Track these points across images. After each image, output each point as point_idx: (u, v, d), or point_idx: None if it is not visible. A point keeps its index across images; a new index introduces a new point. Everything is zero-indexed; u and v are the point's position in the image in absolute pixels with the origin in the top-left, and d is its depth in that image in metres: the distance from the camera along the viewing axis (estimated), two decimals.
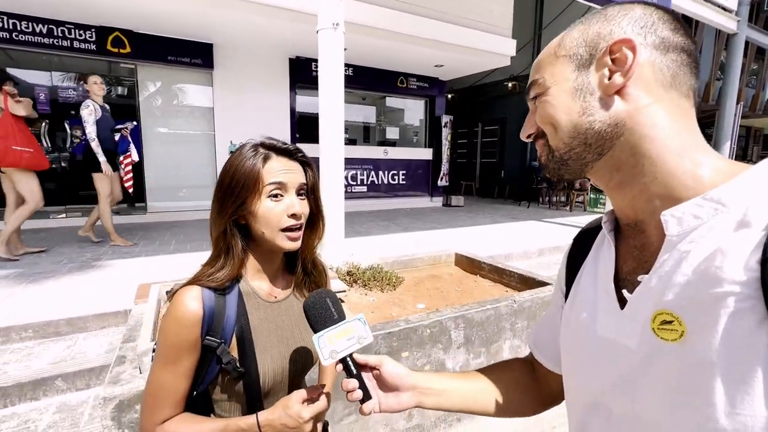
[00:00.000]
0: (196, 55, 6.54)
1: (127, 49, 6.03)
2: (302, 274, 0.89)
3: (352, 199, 8.49)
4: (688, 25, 0.46)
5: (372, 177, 8.93)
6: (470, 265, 3.20)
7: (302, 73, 7.55)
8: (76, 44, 5.74)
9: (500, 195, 11.84)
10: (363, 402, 0.60)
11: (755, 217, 0.37)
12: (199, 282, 0.75)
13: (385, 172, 9.12)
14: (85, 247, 4.63)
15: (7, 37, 5.36)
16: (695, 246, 0.40)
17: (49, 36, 5.58)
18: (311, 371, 1.26)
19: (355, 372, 0.63)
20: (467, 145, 13.48)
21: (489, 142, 12.66)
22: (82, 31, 5.74)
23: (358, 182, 8.79)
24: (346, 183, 8.55)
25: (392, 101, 10.13)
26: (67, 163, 6.31)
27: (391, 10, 6.01)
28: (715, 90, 10.36)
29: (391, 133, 9.95)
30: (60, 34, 5.63)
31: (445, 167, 9.72)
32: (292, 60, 7.52)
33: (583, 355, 0.52)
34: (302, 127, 8.03)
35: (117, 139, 4.58)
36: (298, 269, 0.88)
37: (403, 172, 9.34)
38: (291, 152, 0.79)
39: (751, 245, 0.36)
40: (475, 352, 2.11)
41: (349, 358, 0.64)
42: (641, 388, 0.43)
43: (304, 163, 0.82)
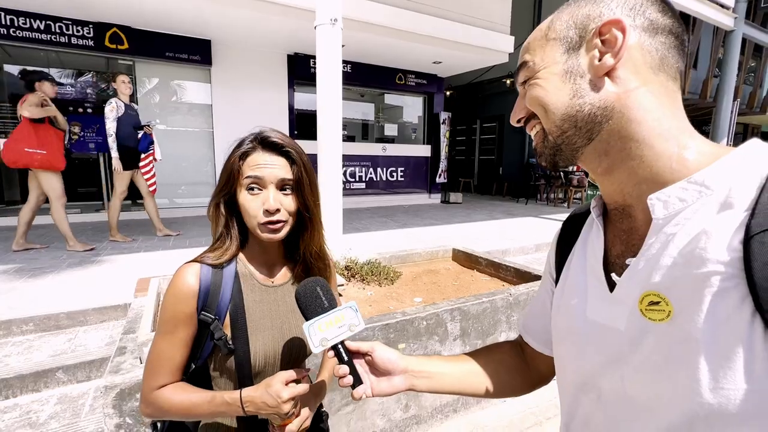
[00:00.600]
0: (194, 52, 6.52)
1: (125, 46, 6.02)
2: (303, 265, 0.89)
3: (351, 196, 8.51)
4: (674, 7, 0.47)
5: (370, 174, 8.94)
6: (467, 260, 3.23)
7: (301, 70, 7.54)
8: (74, 40, 5.72)
9: (498, 192, 11.87)
10: (354, 387, 0.62)
11: (737, 198, 0.38)
12: (198, 259, 0.81)
13: (384, 169, 9.13)
14: (84, 242, 4.64)
15: (5, 33, 5.34)
16: (680, 228, 0.41)
17: (46, 32, 5.56)
18: (315, 362, 1.28)
19: (346, 359, 0.64)
20: (466, 142, 13.49)
21: (487, 139, 12.68)
22: (79, 27, 5.72)
23: (357, 179, 8.79)
24: (344, 180, 8.57)
25: (391, 98, 10.13)
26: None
27: (390, 7, 6.01)
28: (713, 87, 10.37)
29: (390, 130, 9.95)
30: (58, 30, 5.61)
31: (444, 164, 9.74)
32: (290, 56, 7.51)
33: (575, 338, 0.53)
34: (300, 123, 8.03)
35: (139, 137, 4.65)
36: (299, 260, 0.89)
37: (402, 169, 9.36)
38: (277, 146, 0.79)
39: (734, 226, 0.37)
40: (471, 344, 2.14)
41: (340, 345, 0.65)
42: (630, 368, 0.44)
43: (290, 158, 0.80)
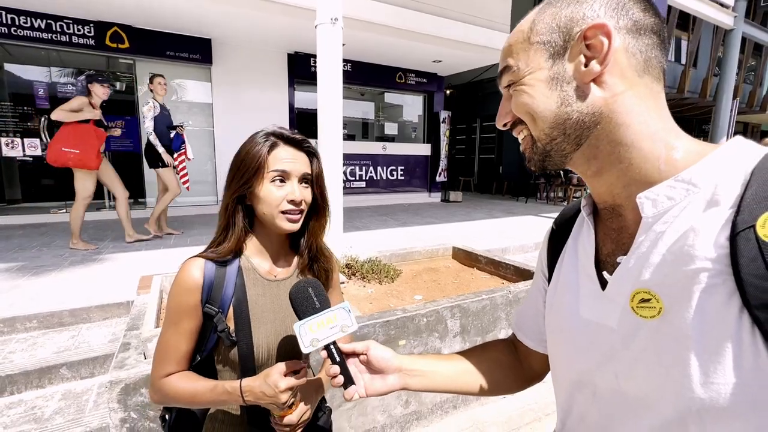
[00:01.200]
0: (194, 51, 6.54)
1: (126, 45, 6.03)
2: (308, 259, 0.92)
3: (351, 195, 8.52)
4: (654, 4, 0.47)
5: (371, 172, 8.95)
6: (467, 258, 3.24)
7: (301, 69, 7.56)
8: (75, 39, 5.73)
9: (498, 191, 11.88)
10: (345, 387, 0.62)
11: (723, 195, 0.39)
12: (202, 255, 0.84)
13: (384, 168, 9.15)
14: (86, 241, 4.65)
15: (6, 32, 5.36)
16: (669, 226, 0.41)
17: (47, 31, 5.57)
18: (317, 358, 1.30)
19: (338, 359, 0.65)
20: (466, 140, 13.50)
21: (487, 138, 12.69)
22: (80, 26, 5.74)
23: (357, 178, 8.81)
24: (345, 178, 8.58)
25: (391, 97, 10.14)
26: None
27: (390, 6, 6.02)
28: (713, 86, 10.37)
29: (390, 129, 9.96)
30: (58, 29, 5.62)
31: (444, 163, 9.75)
32: (290, 55, 7.52)
33: (569, 336, 0.53)
34: (301, 122, 8.04)
35: (172, 136, 4.79)
36: (304, 253, 0.92)
37: (402, 167, 9.37)
38: (299, 142, 0.85)
39: (720, 223, 0.38)
40: (471, 341, 2.16)
41: (332, 346, 0.65)
42: (623, 364, 0.45)
43: (311, 153, 0.87)
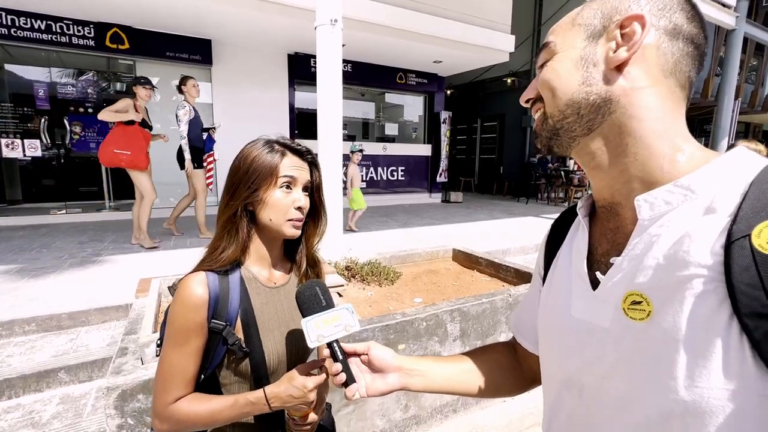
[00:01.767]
0: (194, 51, 6.53)
1: (126, 45, 6.03)
2: (305, 265, 0.95)
3: None
4: (704, 20, 0.48)
5: (371, 173, 8.94)
6: (467, 261, 3.23)
7: (301, 69, 7.55)
8: (75, 40, 5.73)
9: (499, 191, 11.86)
10: (346, 386, 0.63)
11: (721, 204, 0.39)
12: (204, 265, 0.82)
13: (384, 168, 9.13)
14: (86, 243, 4.66)
15: (6, 33, 5.36)
16: (665, 230, 0.42)
17: (47, 32, 5.57)
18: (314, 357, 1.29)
19: (340, 357, 0.66)
20: (466, 141, 13.48)
21: (488, 138, 12.67)
22: (80, 27, 5.73)
23: None
24: (345, 179, 8.58)
25: (391, 97, 10.13)
26: (65, 159, 6.32)
27: (390, 6, 6.01)
28: (714, 86, 10.35)
29: (390, 129, 9.95)
30: (58, 30, 5.62)
31: (444, 163, 9.74)
32: (291, 56, 7.51)
33: (559, 336, 0.54)
34: (301, 123, 8.03)
35: (204, 138, 4.86)
36: (302, 260, 0.95)
37: (402, 168, 9.36)
38: (302, 153, 0.88)
39: (717, 231, 0.38)
40: (471, 345, 2.15)
41: (335, 344, 0.67)
42: (611, 365, 0.46)
43: (312, 164, 0.90)
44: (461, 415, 2.16)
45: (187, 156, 4.62)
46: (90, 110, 6.34)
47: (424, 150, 9.71)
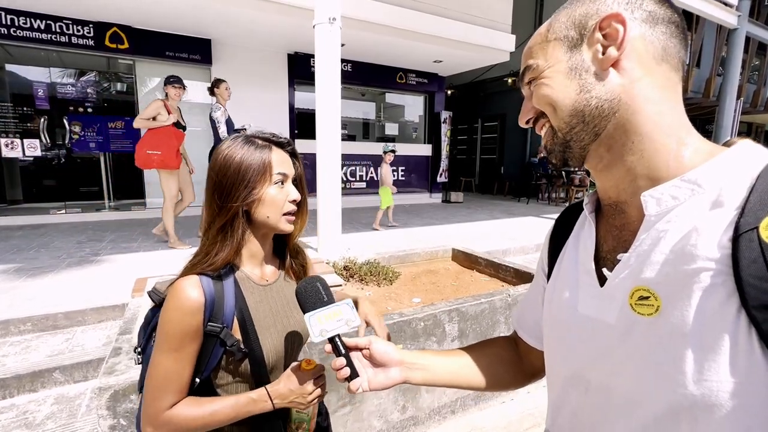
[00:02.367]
0: (194, 51, 6.52)
1: (125, 45, 6.02)
2: (288, 258, 0.96)
3: (351, 196, 8.49)
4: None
5: (371, 173, 8.92)
6: (467, 260, 3.21)
7: (301, 69, 7.53)
8: (75, 40, 5.73)
9: (500, 191, 11.83)
10: (350, 380, 0.63)
11: (728, 197, 0.39)
12: (196, 269, 0.78)
13: None
14: (85, 242, 4.65)
15: (6, 33, 5.35)
16: (672, 225, 0.42)
17: (47, 31, 5.57)
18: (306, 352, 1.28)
19: (343, 352, 0.66)
20: (467, 141, 13.46)
21: (488, 138, 12.64)
22: (80, 27, 5.73)
23: (357, 178, 8.78)
24: (345, 179, 8.56)
25: (391, 97, 10.11)
26: (65, 159, 6.32)
27: (390, 6, 5.99)
28: (716, 86, 10.30)
29: (391, 129, 9.93)
30: (58, 30, 5.62)
31: (445, 163, 9.72)
32: (290, 56, 7.50)
33: (565, 331, 0.54)
34: (301, 123, 8.02)
35: None
36: (287, 254, 0.95)
37: (403, 168, 9.33)
38: (283, 144, 0.87)
39: (724, 224, 0.38)
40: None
41: (338, 338, 0.67)
42: (618, 361, 0.45)
43: (293, 154, 0.89)
44: (459, 416, 2.14)
45: None
46: (89, 110, 6.33)
47: (425, 150, 9.69)
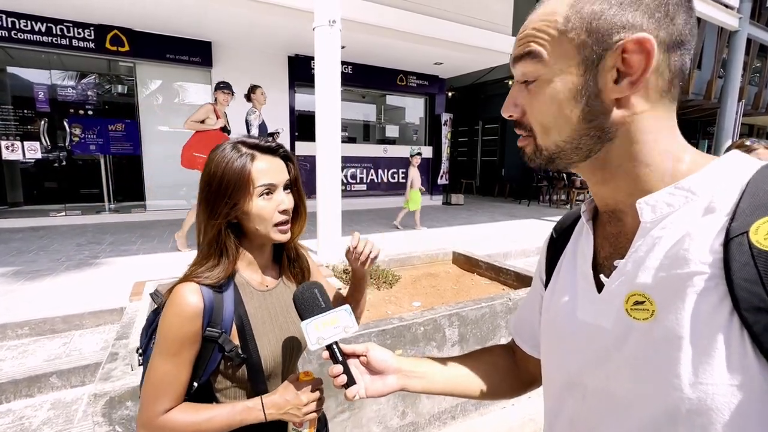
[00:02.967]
0: (195, 54, 6.53)
1: (126, 48, 6.03)
2: (287, 262, 0.94)
3: (352, 198, 8.48)
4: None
5: (372, 175, 8.91)
6: (467, 264, 3.19)
7: (301, 71, 7.53)
8: (75, 42, 5.74)
9: (501, 193, 11.81)
10: (347, 387, 0.63)
11: (720, 203, 0.40)
12: (195, 280, 0.77)
13: (385, 171, 9.11)
14: (84, 245, 4.64)
15: (7, 36, 5.37)
16: (667, 231, 0.42)
17: (48, 34, 5.58)
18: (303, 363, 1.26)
19: (340, 359, 0.66)
20: (467, 143, 13.45)
21: (489, 141, 12.64)
22: (80, 30, 5.74)
23: (358, 180, 8.77)
24: (345, 181, 8.55)
25: (392, 99, 10.11)
26: (66, 161, 6.31)
27: (391, 8, 5.99)
28: (717, 87, 10.29)
29: (391, 131, 9.93)
30: (59, 33, 5.63)
31: (445, 165, 9.71)
32: (291, 58, 7.50)
33: (563, 338, 0.53)
34: (302, 125, 8.02)
35: None
36: (284, 258, 0.93)
37: (403, 170, 9.32)
38: (273, 150, 0.83)
39: (716, 229, 0.39)
40: (469, 350, 2.10)
41: (335, 346, 0.67)
42: (615, 366, 0.45)
43: (286, 158, 0.85)
44: (460, 422, 2.11)
45: None
46: (90, 112, 6.33)
47: (425, 152, 9.68)
